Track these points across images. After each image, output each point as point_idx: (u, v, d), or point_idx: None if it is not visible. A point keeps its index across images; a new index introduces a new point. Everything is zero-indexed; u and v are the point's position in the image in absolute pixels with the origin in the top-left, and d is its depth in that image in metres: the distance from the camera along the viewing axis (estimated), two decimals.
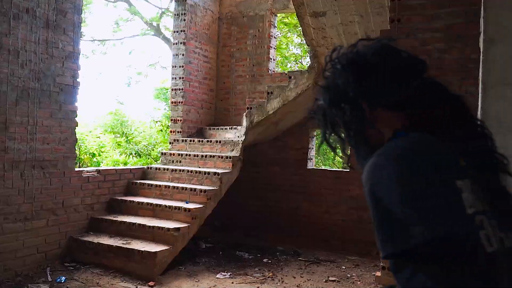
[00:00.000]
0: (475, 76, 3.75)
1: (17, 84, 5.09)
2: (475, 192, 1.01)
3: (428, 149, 1.07)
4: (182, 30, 8.06)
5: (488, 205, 1.02)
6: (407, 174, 1.01)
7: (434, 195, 0.98)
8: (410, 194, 1.00)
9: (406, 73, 1.20)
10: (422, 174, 1.00)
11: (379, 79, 1.16)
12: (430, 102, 1.20)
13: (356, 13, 5.42)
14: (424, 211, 0.97)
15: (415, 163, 1.03)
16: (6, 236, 5.04)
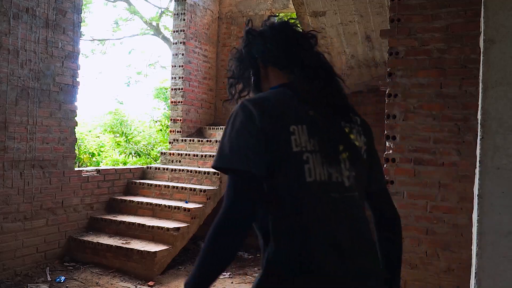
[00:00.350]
0: (475, 76, 3.75)
1: (17, 84, 5.09)
2: (311, 135, 1.39)
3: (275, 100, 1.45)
4: (182, 30, 8.05)
5: (319, 146, 1.39)
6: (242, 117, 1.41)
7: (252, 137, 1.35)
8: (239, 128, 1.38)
9: (291, 45, 1.58)
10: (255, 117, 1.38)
11: (270, 47, 1.59)
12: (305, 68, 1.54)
13: (356, 13, 5.42)
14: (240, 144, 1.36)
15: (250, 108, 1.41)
16: (6, 236, 5.04)
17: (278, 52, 1.58)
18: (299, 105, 1.45)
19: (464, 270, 3.77)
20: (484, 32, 2.06)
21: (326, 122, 1.45)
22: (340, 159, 1.45)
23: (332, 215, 1.40)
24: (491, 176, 2.01)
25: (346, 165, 1.46)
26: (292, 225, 1.39)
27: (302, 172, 1.38)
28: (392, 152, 4.05)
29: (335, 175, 1.43)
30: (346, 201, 1.45)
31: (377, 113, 7.52)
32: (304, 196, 1.38)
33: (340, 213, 1.42)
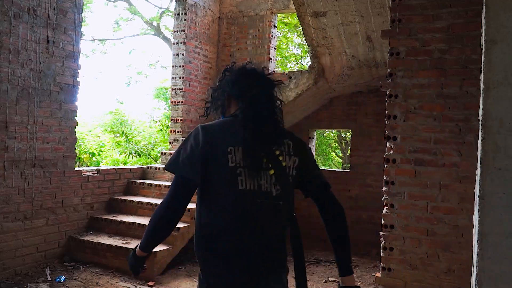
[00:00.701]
0: (476, 77, 3.75)
1: (18, 83, 5.08)
2: (244, 154, 1.86)
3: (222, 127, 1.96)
4: (182, 30, 8.05)
5: (252, 162, 1.86)
6: (192, 135, 1.93)
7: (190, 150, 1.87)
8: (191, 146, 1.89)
9: (244, 85, 2.06)
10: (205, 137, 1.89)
11: (231, 86, 2.10)
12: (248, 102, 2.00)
13: (357, 13, 5.42)
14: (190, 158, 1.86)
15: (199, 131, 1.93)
16: (6, 235, 5.04)
17: (235, 90, 2.08)
18: (239, 130, 1.92)
19: (464, 271, 3.77)
20: (486, 33, 2.06)
21: (257, 146, 1.90)
22: (263, 174, 1.90)
23: (260, 219, 1.89)
24: (492, 177, 2.01)
25: (272, 179, 1.92)
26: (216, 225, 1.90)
27: (236, 182, 1.86)
28: (393, 152, 4.04)
29: (265, 186, 1.90)
30: (273, 208, 1.92)
31: (378, 113, 7.53)
32: (237, 199, 1.87)
33: (267, 218, 1.92)
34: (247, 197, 1.86)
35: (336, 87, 7.17)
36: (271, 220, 1.93)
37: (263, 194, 1.89)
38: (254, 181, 1.88)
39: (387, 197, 4.06)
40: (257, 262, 1.89)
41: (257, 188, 1.88)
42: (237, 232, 1.88)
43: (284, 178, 1.96)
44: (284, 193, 1.95)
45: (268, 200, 1.90)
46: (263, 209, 1.89)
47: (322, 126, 8.50)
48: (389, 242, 4.03)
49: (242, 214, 1.87)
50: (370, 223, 7.53)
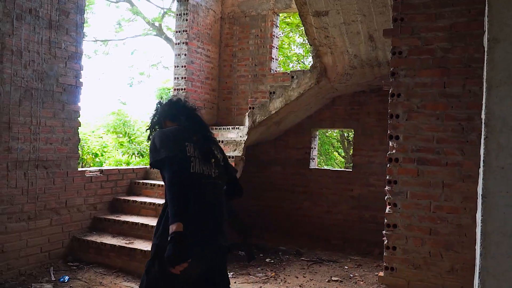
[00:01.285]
0: (479, 75, 3.74)
1: (20, 84, 5.10)
2: (195, 148, 2.68)
3: (172, 131, 2.75)
4: (184, 30, 8.06)
5: (199, 154, 2.68)
6: (160, 135, 2.69)
7: (170, 141, 2.62)
8: (161, 139, 2.65)
9: (176, 109, 2.95)
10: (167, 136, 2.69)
11: (166, 112, 2.96)
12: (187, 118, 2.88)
13: (359, 13, 5.41)
14: (165, 145, 2.59)
15: (164, 133, 2.72)
16: (10, 236, 5.05)
17: (171, 113, 2.95)
18: (186, 134, 2.77)
19: (467, 270, 3.76)
20: (488, 31, 2.06)
21: (202, 143, 2.79)
22: (210, 162, 2.77)
23: (202, 190, 2.68)
24: (495, 176, 2.01)
25: (213, 166, 2.78)
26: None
27: (189, 167, 2.65)
28: (396, 152, 4.04)
29: (207, 171, 2.73)
30: (212, 184, 2.76)
31: (380, 112, 7.52)
32: (189, 179, 2.61)
33: (208, 190, 2.72)
34: (195, 177, 2.66)
35: (338, 86, 7.17)
36: (212, 192, 2.76)
37: (206, 176, 2.73)
38: (201, 167, 2.71)
39: (390, 196, 4.06)
40: (207, 219, 2.69)
41: (202, 171, 2.71)
42: (195, 203, 2.60)
43: (220, 166, 2.86)
44: (220, 175, 2.85)
45: (210, 180, 2.75)
46: (206, 185, 2.72)
47: (324, 126, 8.49)
48: (392, 242, 4.03)
49: (196, 189, 2.63)
50: (373, 223, 7.52)
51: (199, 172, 2.67)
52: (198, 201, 2.61)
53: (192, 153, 2.68)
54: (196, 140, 2.76)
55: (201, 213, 2.61)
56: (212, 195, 2.73)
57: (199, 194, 2.63)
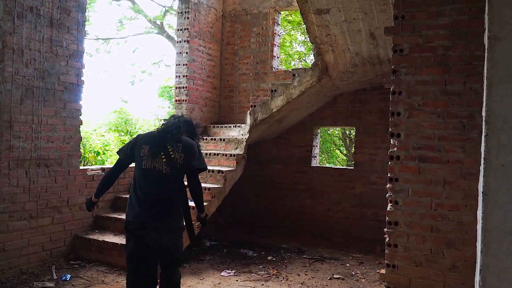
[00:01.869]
0: (480, 73, 3.74)
1: (22, 83, 5.11)
2: (150, 149, 3.50)
3: (146, 136, 3.69)
4: (186, 28, 8.06)
5: (151, 154, 3.48)
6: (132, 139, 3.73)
7: (130, 144, 3.63)
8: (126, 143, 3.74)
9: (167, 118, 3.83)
10: (129, 141, 3.70)
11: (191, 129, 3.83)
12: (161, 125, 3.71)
13: (360, 10, 5.40)
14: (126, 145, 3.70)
15: (132, 139, 3.74)
16: (12, 234, 5.07)
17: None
18: (151, 137, 3.61)
19: (469, 267, 3.77)
20: (489, 29, 2.05)
21: (157, 145, 3.52)
22: (158, 160, 3.48)
23: (153, 184, 3.46)
24: (495, 173, 2.01)
25: (164, 163, 3.48)
26: (135, 186, 3.53)
27: (142, 163, 3.49)
28: (397, 149, 4.04)
29: (158, 167, 3.47)
30: (162, 179, 3.47)
31: (382, 110, 7.52)
32: (141, 174, 3.49)
33: (158, 183, 3.47)
34: (146, 172, 3.49)
35: (339, 84, 7.17)
36: (162, 185, 3.49)
37: (156, 171, 3.48)
38: (152, 163, 3.49)
39: (391, 194, 4.06)
40: (155, 207, 3.46)
41: (153, 167, 3.48)
42: (143, 190, 3.48)
43: (172, 163, 3.51)
44: (172, 171, 3.50)
45: (159, 175, 3.47)
46: (156, 179, 3.48)
47: (326, 124, 8.50)
48: (394, 239, 4.04)
49: (145, 181, 3.49)
50: (374, 220, 7.53)
51: (150, 167, 3.49)
52: (146, 189, 3.47)
53: (145, 153, 3.51)
54: (153, 141, 3.55)
55: (148, 198, 3.47)
56: (159, 185, 3.48)
57: (148, 183, 3.48)
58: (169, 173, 3.46)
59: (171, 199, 3.53)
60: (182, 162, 3.51)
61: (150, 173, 3.46)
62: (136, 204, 3.46)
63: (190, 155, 3.56)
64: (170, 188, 3.51)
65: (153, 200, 3.46)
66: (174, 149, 3.51)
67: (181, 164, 3.51)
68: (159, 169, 3.46)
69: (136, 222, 3.42)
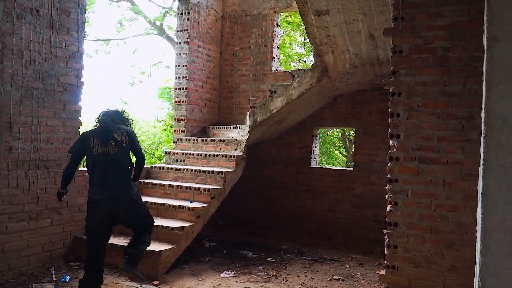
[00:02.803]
0: (479, 74, 3.74)
1: (21, 84, 5.10)
2: (98, 141, 4.32)
3: (90, 132, 4.47)
4: (185, 29, 8.06)
5: (100, 143, 4.31)
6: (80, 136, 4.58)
7: (79, 140, 4.44)
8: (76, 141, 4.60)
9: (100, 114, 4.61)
10: (79, 137, 4.56)
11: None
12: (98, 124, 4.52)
13: (360, 12, 5.41)
14: (76, 143, 4.48)
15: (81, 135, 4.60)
16: (11, 236, 5.06)
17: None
18: (95, 132, 4.40)
19: (468, 268, 3.76)
20: (488, 30, 2.05)
21: (103, 134, 4.32)
22: (109, 145, 4.31)
23: (104, 165, 4.28)
24: (495, 174, 2.01)
25: (113, 147, 4.32)
26: (90, 171, 4.37)
27: (93, 151, 4.30)
28: (396, 150, 4.04)
29: (107, 150, 4.30)
30: (112, 160, 4.31)
31: (382, 111, 7.51)
32: (94, 159, 4.30)
33: (109, 165, 4.29)
34: (98, 157, 4.31)
35: (339, 85, 7.17)
36: (113, 165, 4.32)
37: (106, 153, 4.31)
38: (101, 149, 4.31)
39: (390, 195, 4.06)
40: (109, 186, 4.28)
41: (102, 151, 4.31)
42: (97, 173, 4.30)
43: (120, 145, 4.39)
44: (120, 152, 4.38)
45: (109, 156, 4.32)
46: (106, 160, 4.31)
47: (326, 125, 8.50)
48: (393, 240, 4.03)
49: (98, 164, 4.30)
50: (374, 221, 7.53)
51: (101, 152, 4.30)
52: (101, 168, 4.29)
53: (94, 143, 4.32)
54: (100, 132, 4.36)
55: (103, 175, 4.29)
56: (110, 164, 4.32)
57: (102, 165, 4.29)
58: (117, 152, 4.36)
59: (120, 175, 4.36)
60: (127, 142, 4.46)
61: (101, 157, 4.30)
62: (92, 185, 4.32)
63: (133, 138, 4.55)
64: (119, 165, 4.36)
65: (105, 179, 4.29)
66: (119, 134, 4.41)
67: (126, 144, 4.45)
68: (108, 152, 4.32)
69: (93, 199, 4.30)
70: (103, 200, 4.25)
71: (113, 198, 4.27)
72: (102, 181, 4.28)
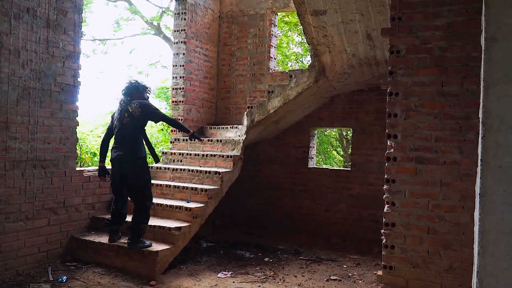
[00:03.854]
0: (477, 74, 3.74)
1: (18, 84, 5.09)
2: (117, 115, 5.53)
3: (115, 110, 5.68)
4: (183, 29, 8.05)
5: (118, 116, 5.51)
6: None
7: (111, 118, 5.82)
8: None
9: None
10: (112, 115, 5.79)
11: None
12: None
13: (357, 12, 5.41)
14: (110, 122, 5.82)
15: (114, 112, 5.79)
16: (8, 236, 5.04)
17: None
18: (117, 109, 5.61)
19: (466, 268, 3.77)
20: (486, 30, 2.05)
21: (120, 109, 5.51)
22: (124, 117, 5.43)
23: (119, 133, 5.45)
24: (493, 174, 2.01)
25: (126, 118, 5.41)
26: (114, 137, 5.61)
27: (114, 124, 5.57)
28: (394, 151, 4.04)
29: (123, 121, 5.42)
30: (125, 128, 5.41)
31: (379, 111, 7.52)
32: (114, 129, 5.54)
33: (122, 132, 5.43)
34: (115, 127, 5.48)
35: (336, 85, 7.17)
36: (124, 132, 5.38)
37: (122, 124, 5.40)
38: (119, 121, 5.43)
39: (388, 195, 4.06)
40: (120, 148, 5.42)
41: (119, 122, 5.42)
42: (115, 139, 5.51)
43: (132, 115, 5.38)
44: (131, 121, 5.37)
45: (121, 125, 5.41)
46: (121, 129, 5.41)
47: (323, 125, 8.50)
48: (391, 240, 4.04)
49: (116, 133, 5.49)
50: (372, 221, 7.53)
51: (118, 123, 5.44)
52: (116, 136, 5.48)
53: (116, 117, 5.53)
54: (119, 110, 5.50)
55: (117, 141, 5.46)
56: (123, 132, 5.40)
57: (117, 132, 5.45)
58: (129, 121, 5.38)
59: (129, 139, 5.38)
60: (139, 113, 5.39)
61: (118, 127, 5.44)
62: (111, 149, 5.57)
63: (146, 108, 5.46)
64: (129, 132, 5.38)
65: (119, 144, 5.43)
66: (132, 107, 5.40)
67: (138, 115, 5.39)
68: (121, 122, 5.42)
69: (110, 158, 5.54)
70: (116, 159, 5.44)
71: (121, 157, 5.38)
72: (116, 145, 5.45)
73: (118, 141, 5.43)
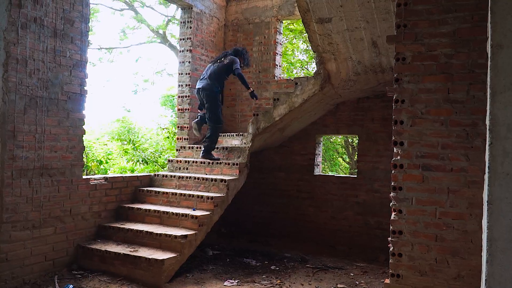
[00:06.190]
0: (483, 81, 3.73)
1: (25, 93, 5.12)
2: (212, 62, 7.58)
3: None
4: (188, 38, 8.10)
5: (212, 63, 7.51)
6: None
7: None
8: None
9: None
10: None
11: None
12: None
13: (362, 19, 5.42)
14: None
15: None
16: (14, 244, 5.06)
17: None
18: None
19: (474, 277, 3.74)
20: (492, 37, 2.05)
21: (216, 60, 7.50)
22: (216, 63, 7.40)
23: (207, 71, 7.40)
24: (500, 182, 1.99)
25: (218, 63, 7.37)
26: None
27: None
28: (400, 158, 4.03)
29: (214, 65, 7.39)
30: (213, 69, 7.32)
31: (385, 118, 7.51)
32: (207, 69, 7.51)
33: (210, 71, 7.31)
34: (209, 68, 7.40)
35: (342, 92, 7.17)
36: (212, 71, 7.29)
37: (213, 66, 7.36)
38: (211, 65, 7.43)
39: (395, 202, 4.04)
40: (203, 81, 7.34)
41: (212, 65, 7.41)
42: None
43: (221, 62, 7.35)
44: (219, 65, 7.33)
45: (212, 67, 7.34)
46: (210, 70, 7.31)
47: (328, 132, 8.49)
48: (398, 248, 4.01)
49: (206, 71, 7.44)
50: (378, 229, 7.49)
51: (210, 66, 7.36)
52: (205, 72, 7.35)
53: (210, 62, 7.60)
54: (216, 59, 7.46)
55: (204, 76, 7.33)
56: (211, 70, 7.25)
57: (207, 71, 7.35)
58: (218, 65, 7.25)
59: (212, 79, 7.17)
60: (227, 61, 7.22)
61: (209, 68, 7.33)
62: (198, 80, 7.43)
63: (232, 61, 7.19)
64: (214, 71, 7.21)
65: (205, 78, 7.25)
66: (225, 57, 7.29)
67: (225, 63, 7.22)
68: (212, 67, 7.29)
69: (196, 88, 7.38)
70: (199, 88, 7.23)
71: (202, 87, 7.18)
72: (202, 78, 7.33)
73: (205, 78, 7.29)
